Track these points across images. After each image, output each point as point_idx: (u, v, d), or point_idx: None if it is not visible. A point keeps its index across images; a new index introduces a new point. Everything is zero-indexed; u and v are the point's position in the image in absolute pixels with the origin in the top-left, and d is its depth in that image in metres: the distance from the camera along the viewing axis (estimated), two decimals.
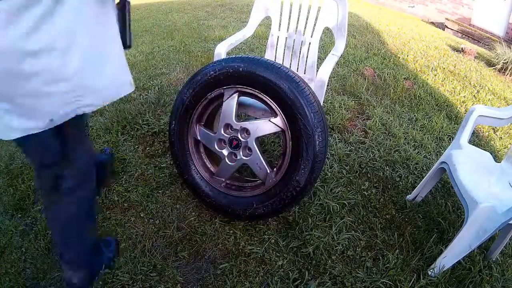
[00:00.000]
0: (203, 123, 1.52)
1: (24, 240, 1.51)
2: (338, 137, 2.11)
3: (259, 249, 1.39)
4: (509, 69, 3.90)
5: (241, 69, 1.30)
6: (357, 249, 1.42)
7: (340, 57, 1.77)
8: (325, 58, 1.65)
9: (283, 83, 1.25)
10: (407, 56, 3.54)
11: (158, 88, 2.58)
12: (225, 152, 1.44)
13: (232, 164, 1.45)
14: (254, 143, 1.37)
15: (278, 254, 1.38)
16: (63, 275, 1.17)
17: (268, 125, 1.35)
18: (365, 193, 1.71)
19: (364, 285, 1.29)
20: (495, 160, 1.54)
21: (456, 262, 1.33)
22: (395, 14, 6.62)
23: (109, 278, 1.29)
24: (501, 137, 2.45)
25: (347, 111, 2.37)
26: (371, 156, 1.98)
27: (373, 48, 3.57)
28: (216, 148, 1.45)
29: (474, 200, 1.22)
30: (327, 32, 3.03)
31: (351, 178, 1.80)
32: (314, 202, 1.61)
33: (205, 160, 1.57)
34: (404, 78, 2.99)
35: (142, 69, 3.19)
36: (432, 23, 6.78)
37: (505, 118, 1.52)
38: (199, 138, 1.50)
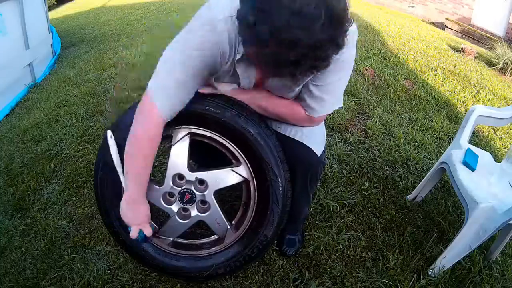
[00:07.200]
0: None
1: (24, 240, 1.51)
2: (338, 137, 2.11)
3: None
4: (509, 69, 3.91)
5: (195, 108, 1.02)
6: (357, 249, 1.42)
7: None
8: None
9: (251, 127, 1.04)
10: (407, 56, 3.54)
11: None
12: (174, 208, 1.16)
13: (184, 222, 1.18)
14: (212, 197, 1.13)
15: (278, 254, 1.38)
16: None
17: (230, 175, 1.13)
18: (365, 193, 1.71)
19: (364, 285, 1.29)
20: (495, 160, 1.54)
21: (456, 262, 1.33)
22: (395, 14, 6.62)
23: (109, 278, 1.29)
24: (501, 137, 2.45)
25: (347, 111, 2.37)
26: (371, 156, 1.98)
27: (373, 48, 3.57)
28: (163, 204, 1.16)
29: (474, 200, 1.22)
30: None
31: (351, 178, 1.80)
32: (314, 202, 1.61)
33: None
34: (404, 78, 2.99)
35: (142, 69, 3.19)
36: (432, 23, 6.78)
37: (505, 118, 1.52)
38: None
